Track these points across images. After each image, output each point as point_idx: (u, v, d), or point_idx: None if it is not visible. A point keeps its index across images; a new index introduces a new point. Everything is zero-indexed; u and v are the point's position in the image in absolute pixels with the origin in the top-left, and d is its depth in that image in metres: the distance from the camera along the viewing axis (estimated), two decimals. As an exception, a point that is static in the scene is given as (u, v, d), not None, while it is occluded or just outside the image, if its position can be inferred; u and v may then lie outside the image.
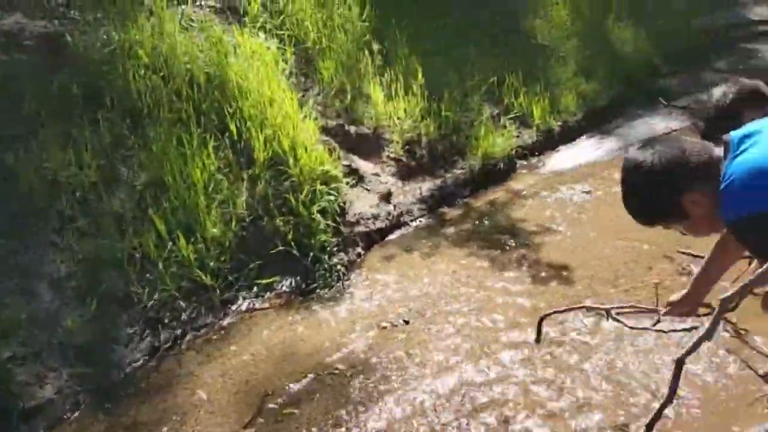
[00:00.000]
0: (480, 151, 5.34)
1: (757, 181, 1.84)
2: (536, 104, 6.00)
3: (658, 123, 6.28)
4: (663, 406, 1.44)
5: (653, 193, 2.03)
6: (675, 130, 6.00)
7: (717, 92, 2.63)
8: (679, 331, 3.09)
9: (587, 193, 4.91)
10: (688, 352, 1.42)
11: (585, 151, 5.83)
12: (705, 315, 2.68)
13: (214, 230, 4.05)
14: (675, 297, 2.67)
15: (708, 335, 1.42)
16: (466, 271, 4.10)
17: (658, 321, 2.83)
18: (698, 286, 2.55)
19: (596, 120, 6.33)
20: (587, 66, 6.89)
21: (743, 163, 1.87)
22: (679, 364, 1.41)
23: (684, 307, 2.64)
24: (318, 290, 4.04)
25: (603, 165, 5.46)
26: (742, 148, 1.90)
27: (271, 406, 3.16)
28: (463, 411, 3.01)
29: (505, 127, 5.75)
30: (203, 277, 3.86)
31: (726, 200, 1.90)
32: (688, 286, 2.59)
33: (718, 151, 2.00)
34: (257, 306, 3.94)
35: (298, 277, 4.11)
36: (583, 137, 6.12)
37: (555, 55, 6.90)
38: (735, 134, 1.97)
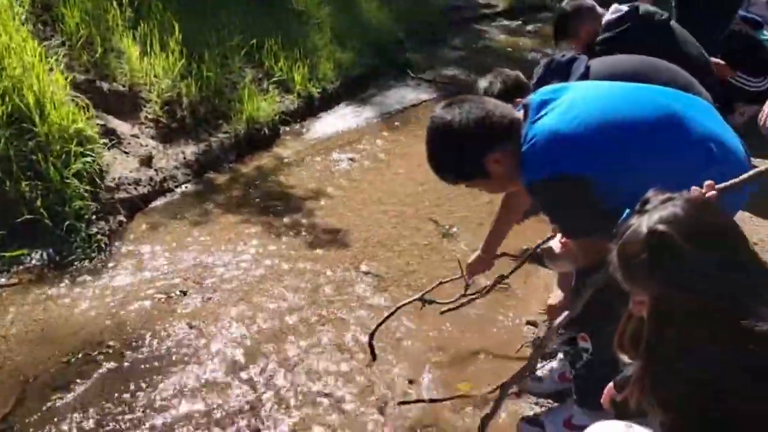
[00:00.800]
0: (244, 115, 5.18)
1: (555, 146, 2.00)
2: (296, 70, 5.97)
3: (409, 94, 6.61)
4: (498, 403, 1.53)
5: (457, 152, 2.12)
6: (425, 101, 6.39)
7: (483, 83, 2.73)
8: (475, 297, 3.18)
9: (352, 160, 4.99)
10: (540, 349, 1.53)
11: (345, 118, 5.94)
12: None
13: (-57, 197, 3.46)
14: (471, 259, 2.87)
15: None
16: (242, 239, 3.97)
17: (468, 285, 3.01)
18: (491, 244, 2.76)
19: (353, 89, 6.48)
20: (341, 35, 7.02)
21: (543, 126, 2.02)
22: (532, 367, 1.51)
23: (483, 264, 2.86)
24: (76, 263, 3.64)
25: (363, 131, 5.61)
26: (542, 113, 2.05)
27: (34, 392, 2.79)
28: (254, 378, 2.92)
29: (267, 91, 5.64)
30: (-69, 252, 3.29)
31: (526, 162, 2.04)
32: (480, 246, 2.80)
33: (518, 114, 2.14)
34: (2, 282, 3.45)
35: (51, 249, 3.67)
36: (342, 105, 6.22)
37: (311, 22, 6.93)
38: (533, 99, 2.11)
